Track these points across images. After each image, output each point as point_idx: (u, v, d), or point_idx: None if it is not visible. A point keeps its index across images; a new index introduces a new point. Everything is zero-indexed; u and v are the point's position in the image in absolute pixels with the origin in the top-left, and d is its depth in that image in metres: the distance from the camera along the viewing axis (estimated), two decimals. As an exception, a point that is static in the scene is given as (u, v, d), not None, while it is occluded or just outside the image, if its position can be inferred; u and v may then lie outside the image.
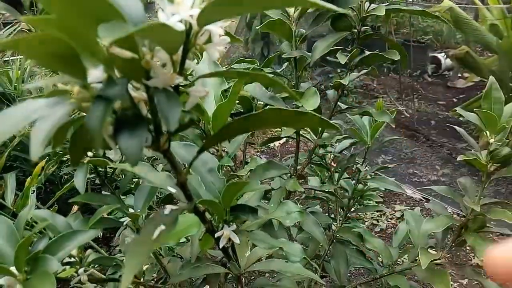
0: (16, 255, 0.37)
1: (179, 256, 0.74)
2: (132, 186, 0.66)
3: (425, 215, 1.56)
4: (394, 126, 0.76)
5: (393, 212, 2.09)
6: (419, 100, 3.41)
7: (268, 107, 0.28)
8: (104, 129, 0.22)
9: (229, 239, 0.41)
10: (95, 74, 0.24)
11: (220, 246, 0.37)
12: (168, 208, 0.29)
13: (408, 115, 3.04)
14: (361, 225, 1.62)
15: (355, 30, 0.62)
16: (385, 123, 0.86)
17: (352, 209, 0.94)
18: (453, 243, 0.67)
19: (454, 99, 3.56)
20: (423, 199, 2.23)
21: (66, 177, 1.69)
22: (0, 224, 0.40)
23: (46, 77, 1.80)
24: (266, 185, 0.52)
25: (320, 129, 0.80)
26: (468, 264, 1.67)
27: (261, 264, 0.51)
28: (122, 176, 0.61)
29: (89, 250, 0.48)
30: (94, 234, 0.43)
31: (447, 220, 0.63)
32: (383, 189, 1.11)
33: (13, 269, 0.37)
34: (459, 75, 3.93)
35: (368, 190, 0.92)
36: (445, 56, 2.93)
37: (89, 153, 0.56)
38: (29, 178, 1.09)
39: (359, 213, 1.88)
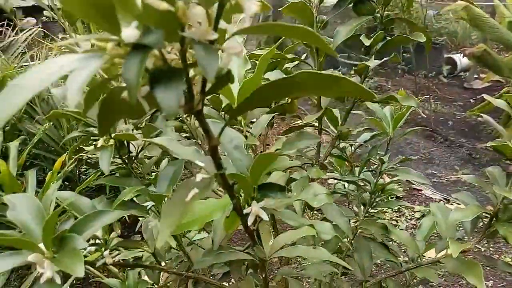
0: (44, 232, 0.36)
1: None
2: (152, 178, 0.66)
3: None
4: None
5: (413, 213, 2.05)
6: (435, 101, 3.35)
7: (300, 71, 0.27)
8: (137, 88, 0.21)
9: (255, 220, 0.40)
10: (128, 31, 0.23)
11: (249, 223, 0.36)
12: (199, 176, 0.28)
13: (425, 116, 3.00)
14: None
15: (378, 14, 0.61)
16: (407, 114, 0.84)
17: (373, 204, 0.92)
18: (483, 234, 0.65)
19: (471, 100, 3.50)
20: (443, 199, 2.18)
21: (83, 176, 1.71)
22: (28, 201, 0.39)
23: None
24: (296, 161, 0.51)
25: (339, 119, 0.79)
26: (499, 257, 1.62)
27: (286, 251, 0.50)
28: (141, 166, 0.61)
29: (114, 233, 0.48)
30: (119, 214, 0.42)
31: (476, 209, 0.61)
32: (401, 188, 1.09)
33: (41, 246, 0.37)
34: (476, 76, 3.86)
35: (390, 183, 0.90)
36: (462, 56, 2.88)
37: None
38: (49, 173, 1.10)
39: (380, 208, 1.85)
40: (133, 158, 0.52)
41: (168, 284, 0.71)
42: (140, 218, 0.76)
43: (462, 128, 2.88)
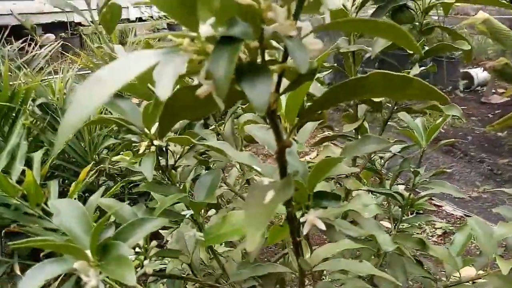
0: (92, 239, 0.35)
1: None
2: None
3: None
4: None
5: (434, 229, 2.00)
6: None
7: (372, 72, 0.25)
8: (228, 83, 0.20)
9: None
10: (204, 29, 0.22)
11: (304, 232, 0.35)
12: (266, 179, 0.27)
13: (443, 130, 2.95)
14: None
15: (417, 23, 0.60)
16: (442, 125, 0.82)
17: (404, 218, 0.89)
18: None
19: (489, 114, 3.44)
20: (464, 216, 2.13)
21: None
22: (73, 207, 0.38)
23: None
24: (355, 168, 0.49)
25: (368, 130, 0.77)
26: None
27: (329, 264, 0.48)
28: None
29: (154, 242, 0.46)
30: (162, 222, 0.41)
31: (523, 224, 0.58)
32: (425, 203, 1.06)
33: (88, 253, 0.36)
34: (493, 90, 3.81)
35: (419, 198, 0.87)
36: (482, 69, 2.85)
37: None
38: (73, 183, 1.10)
39: (411, 223, 1.82)
40: (171, 166, 0.51)
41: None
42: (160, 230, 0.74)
43: (481, 143, 2.83)
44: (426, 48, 0.60)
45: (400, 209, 0.88)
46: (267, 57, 0.24)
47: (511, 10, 2.45)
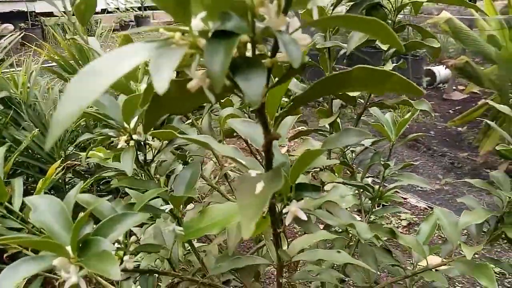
0: (73, 235, 0.35)
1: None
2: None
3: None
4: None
5: (399, 221, 2.08)
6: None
7: (355, 67, 0.27)
8: (223, 77, 0.20)
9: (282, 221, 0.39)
10: (195, 23, 0.22)
11: (287, 223, 0.36)
12: (253, 172, 0.27)
13: (408, 126, 3.06)
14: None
15: (390, 21, 0.62)
16: (410, 120, 0.86)
17: (373, 210, 0.92)
18: (490, 237, 0.66)
19: (450, 110, 3.60)
20: (427, 208, 2.22)
21: (67, 186, 1.66)
22: (51, 204, 0.38)
23: (50, 83, 1.78)
24: (335, 160, 0.50)
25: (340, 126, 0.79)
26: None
27: (307, 254, 0.50)
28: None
29: (133, 237, 0.46)
30: (143, 217, 0.41)
31: (485, 213, 0.62)
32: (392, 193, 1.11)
33: (68, 249, 0.35)
34: (454, 87, 3.99)
35: (389, 190, 0.91)
36: (445, 67, 2.97)
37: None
38: (41, 180, 1.06)
39: (380, 214, 1.88)
40: (150, 161, 0.51)
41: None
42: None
43: (443, 138, 2.96)
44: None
45: (370, 201, 0.91)
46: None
47: (471, 10, 2.56)
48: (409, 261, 1.31)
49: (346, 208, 1.12)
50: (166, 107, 0.27)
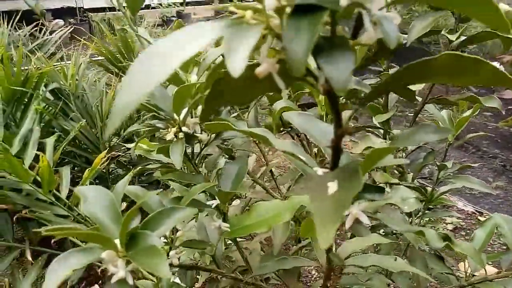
0: (122, 228, 0.33)
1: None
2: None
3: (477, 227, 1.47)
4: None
5: (445, 225, 1.97)
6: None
7: (443, 53, 0.23)
8: (307, 59, 0.17)
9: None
10: (269, 1, 0.20)
11: (347, 227, 0.33)
12: (320, 170, 0.25)
13: (455, 125, 2.91)
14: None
15: (454, 10, 0.57)
16: (470, 118, 0.80)
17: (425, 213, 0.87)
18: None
19: (502, 110, 3.39)
20: (475, 212, 2.10)
21: (112, 176, 1.70)
22: (101, 195, 0.37)
23: (97, 76, 1.84)
24: (403, 159, 0.47)
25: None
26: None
27: (360, 259, 0.46)
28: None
29: (180, 232, 0.45)
30: (192, 212, 0.39)
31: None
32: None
33: (117, 242, 0.34)
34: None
35: (443, 193, 0.85)
36: (499, 64, 2.79)
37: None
38: (87, 170, 1.08)
39: (430, 218, 1.80)
40: (197, 154, 0.50)
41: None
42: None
43: (495, 139, 2.78)
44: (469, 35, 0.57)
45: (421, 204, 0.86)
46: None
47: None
48: (454, 268, 1.24)
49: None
50: (228, 95, 0.25)
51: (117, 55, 1.92)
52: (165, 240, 0.44)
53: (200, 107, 0.47)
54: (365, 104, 0.25)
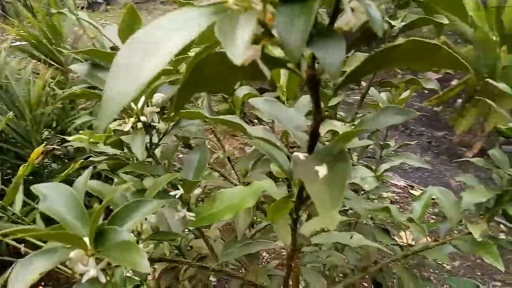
0: (92, 225, 0.32)
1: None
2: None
3: (411, 201, 1.61)
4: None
5: (382, 200, 2.12)
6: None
7: (407, 39, 0.25)
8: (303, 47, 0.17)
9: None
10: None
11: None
12: (301, 154, 0.25)
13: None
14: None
15: (395, -3, 0.61)
16: (408, 99, 0.86)
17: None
18: (491, 215, 0.67)
19: (425, 90, 3.68)
20: (407, 186, 2.28)
21: (46, 171, 1.58)
22: (62, 192, 0.34)
23: (23, 63, 1.68)
24: (369, 141, 0.49)
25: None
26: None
27: (323, 237, 0.49)
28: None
29: (145, 225, 0.43)
30: (159, 204, 0.38)
31: (489, 191, 0.63)
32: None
33: (86, 240, 0.32)
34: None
35: (385, 170, 0.91)
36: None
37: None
38: (21, 166, 1.00)
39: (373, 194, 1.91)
40: (155, 145, 0.48)
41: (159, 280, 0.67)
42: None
43: (420, 118, 3.02)
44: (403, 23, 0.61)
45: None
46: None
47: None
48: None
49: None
50: (206, 83, 0.25)
51: (43, 40, 1.76)
52: (132, 234, 0.42)
53: (156, 96, 0.46)
54: (337, 90, 0.25)
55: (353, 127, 0.52)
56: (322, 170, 0.21)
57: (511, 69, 2.14)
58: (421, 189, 2.28)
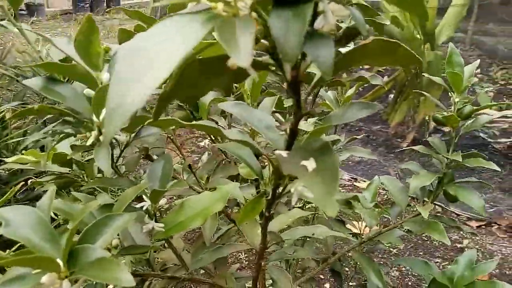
0: (65, 246, 0.30)
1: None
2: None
3: (358, 192, 1.71)
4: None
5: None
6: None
7: (373, 38, 0.27)
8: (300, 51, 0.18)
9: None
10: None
11: (293, 203, 0.36)
12: (284, 152, 0.26)
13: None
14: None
15: None
16: (352, 96, 0.91)
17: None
18: (434, 197, 0.74)
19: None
20: (351, 179, 2.40)
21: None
22: (26, 214, 0.32)
23: None
24: (337, 136, 0.50)
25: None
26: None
27: (292, 232, 0.50)
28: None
29: (115, 240, 0.42)
30: (130, 217, 0.37)
31: (432, 175, 0.69)
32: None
33: (59, 262, 0.31)
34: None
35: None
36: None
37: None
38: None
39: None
40: (117, 158, 0.47)
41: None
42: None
43: (357, 114, 3.19)
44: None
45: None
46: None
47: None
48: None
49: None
50: (185, 91, 0.25)
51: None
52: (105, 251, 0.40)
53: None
54: (314, 89, 0.27)
55: (315, 124, 0.54)
56: (310, 164, 0.22)
57: (433, 64, 2.35)
58: (364, 181, 2.42)
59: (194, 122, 0.29)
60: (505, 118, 2.53)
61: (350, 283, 1.44)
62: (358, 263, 0.80)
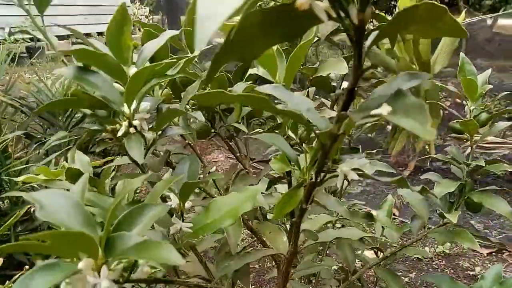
0: (105, 230, 0.28)
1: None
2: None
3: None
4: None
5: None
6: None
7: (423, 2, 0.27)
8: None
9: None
10: None
11: (339, 185, 0.34)
12: (333, 112, 0.25)
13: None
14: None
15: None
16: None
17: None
18: (457, 205, 0.72)
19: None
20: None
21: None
22: (61, 198, 0.30)
23: None
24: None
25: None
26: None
27: (326, 234, 0.48)
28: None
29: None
30: (164, 209, 0.36)
31: (454, 182, 0.68)
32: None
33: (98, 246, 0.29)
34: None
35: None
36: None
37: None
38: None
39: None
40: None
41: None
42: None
43: (357, 144, 3.20)
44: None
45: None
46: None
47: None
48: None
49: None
50: (241, 47, 0.24)
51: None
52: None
53: (143, 103, 0.44)
54: (375, 42, 0.27)
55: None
56: (384, 109, 0.21)
57: (431, 92, 2.39)
58: (369, 209, 2.39)
59: (240, 93, 0.29)
60: (505, 144, 2.55)
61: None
62: (378, 280, 0.76)
